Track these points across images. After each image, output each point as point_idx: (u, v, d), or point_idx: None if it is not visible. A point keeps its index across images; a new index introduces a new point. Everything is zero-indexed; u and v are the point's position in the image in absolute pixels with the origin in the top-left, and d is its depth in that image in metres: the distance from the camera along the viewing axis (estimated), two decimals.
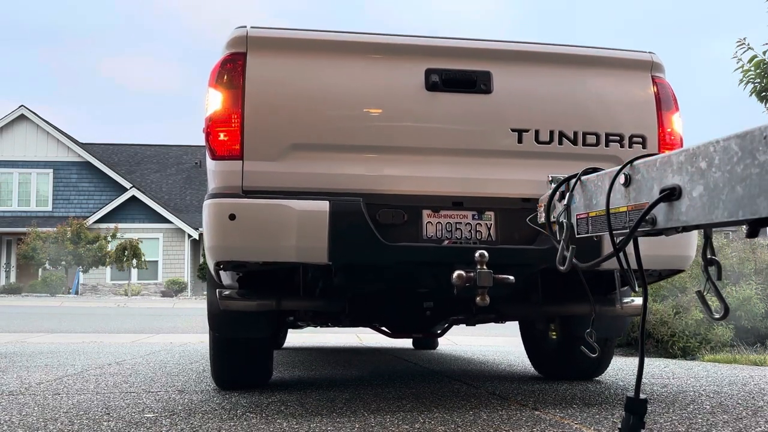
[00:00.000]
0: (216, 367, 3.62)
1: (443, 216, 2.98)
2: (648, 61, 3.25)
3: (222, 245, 2.79)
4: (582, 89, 3.18)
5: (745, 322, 6.89)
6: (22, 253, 28.63)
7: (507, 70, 3.11)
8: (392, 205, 2.93)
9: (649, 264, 2.95)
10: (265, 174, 2.87)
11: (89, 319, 13.54)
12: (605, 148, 3.11)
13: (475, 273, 2.60)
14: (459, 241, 2.96)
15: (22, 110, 32.21)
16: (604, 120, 3.14)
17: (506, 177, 3.04)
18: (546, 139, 3.07)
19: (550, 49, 3.20)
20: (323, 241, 2.75)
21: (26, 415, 2.85)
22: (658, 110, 3.19)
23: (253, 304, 3.08)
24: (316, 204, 2.78)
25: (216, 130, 2.90)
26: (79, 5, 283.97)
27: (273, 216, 2.76)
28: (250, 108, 2.89)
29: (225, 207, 2.77)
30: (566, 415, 2.82)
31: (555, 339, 4.16)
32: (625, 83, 3.22)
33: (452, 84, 3.02)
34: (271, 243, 2.76)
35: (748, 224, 1.43)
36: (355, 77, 3.03)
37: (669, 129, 3.20)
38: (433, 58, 3.05)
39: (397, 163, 2.98)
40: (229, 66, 2.93)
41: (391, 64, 3.06)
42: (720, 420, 2.72)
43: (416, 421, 2.70)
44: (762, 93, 7.42)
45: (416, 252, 2.88)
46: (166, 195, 34.75)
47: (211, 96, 2.95)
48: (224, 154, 2.88)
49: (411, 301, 3.55)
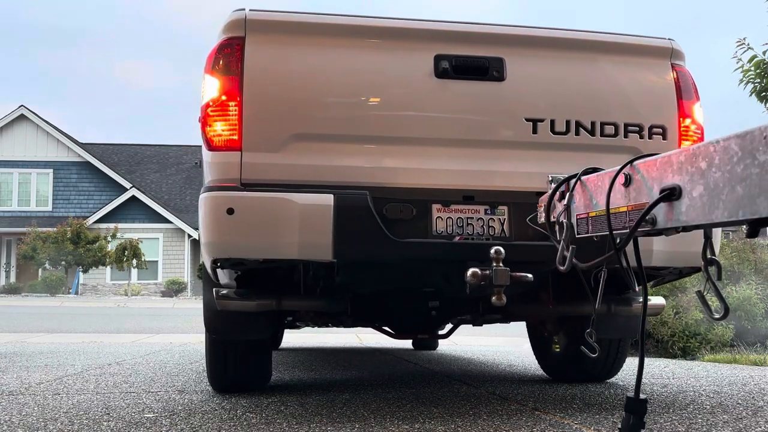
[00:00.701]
0: (213, 371, 3.48)
1: (454, 211, 2.83)
2: (667, 47, 3.12)
3: (219, 241, 2.64)
4: (599, 77, 3.04)
5: (745, 322, 6.89)
6: (22, 253, 28.64)
7: (521, 57, 2.96)
8: (400, 199, 2.78)
9: (671, 261, 2.89)
10: (265, 166, 2.72)
11: (89, 319, 13.54)
12: (624, 139, 2.97)
13: (491, 271, 2.47)
14: (471, 237, 2.81)
15: (22, 110, 32.22)
16: (622, 109, 3.00)
17: (520, 169, 2.90)
18: (562, 129, 2.93)
19: (565, 35, 3.06)
20: (327, 237, 2.61)
21: (26, 415, 2.85)
22: (679, 99, 3.05)
23: (253, 304, 2.94)
24: (320, 198, 2.64)
25: (212, 119, 2.75)
26: (79, 5, 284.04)
27: (274, 210, 2.62)
28: (248, 96, 2.74)
29: (223, 200, 2.62)
30: (566, 415, 2.82)
31: (565, 340, 4.00)
32: (643, 71, 3.09)
33: (463, 71, 2.88)
34: (271, 239, 2.61)
35: (748, 224, 1.43)
36: (361, 63, 2.88)
37: (690, 119, 3.06)
38: (442, 43, 2.91)
39: (405, 155, 2.84)
40: (227, 51, 2.77)
41: (398, 49, 2.91)
42: (720, 420, 2.72)
43: (416, 421, 2.70)
44: (762, 93, 7.42)
45: (427, 249, 2.74)
46: (166, 195, 34.75)
47: (207, 83, 2.80)
48: (221, 145, 2.73)
49: (416, 301, 3.45)
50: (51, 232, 28.47)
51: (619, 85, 3.04)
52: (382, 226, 2.66)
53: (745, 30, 10.90)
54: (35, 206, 32.07)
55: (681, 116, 3.04)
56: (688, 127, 3.05)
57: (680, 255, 2.87)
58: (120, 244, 28.59)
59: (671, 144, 3.00)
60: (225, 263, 2.76)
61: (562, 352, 4.07)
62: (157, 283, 31.49)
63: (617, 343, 3.76)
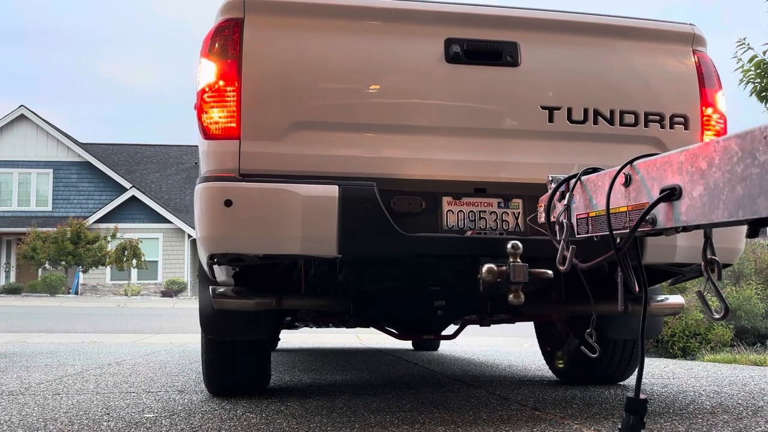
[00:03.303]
0: (209, 373, 3.31)
1: (465, 204, 2.68)
2: (689, 33, 2.97)
3: (216, 235, 2.48)
4: (618, 63, 2.89)
5: (745, 322, 6.90)
6: (22, 253, 28.63)
7: (536, 41, 2.81)
8: (408, 191, 2.62)
9: (695, 258, 2.67)
10: (265, 155, 2.56)
11: (89, 319, 13.54)
12: (644, 129, 2.83)
13: (508, 267, 2.32)
14: (483, 232, 2.67)
15: (22, 110, 32.22)
16: (642, 97, 2.85)
17: (535, 160, 2.74)
18: (580, 118, 2.78)
19: (583, 19, 2.91)
20: (332, 231, 2.45)
21: (26, 415, 2.85)
22: (701, 87, 2.91)
23: (252, 303, 2.78)
24: (324, 189, 2.48)
25: (209, 105, 2.58)
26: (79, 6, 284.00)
27: (275, 202, 2.46)
28: (247, 81, 2.57)
29: (220, 191, 2.46)
30: (566, 415, 2.82)
31: (576, 341, 3.77)
32: (664, 57, 2.94)
33: (475, 55, 2.72)
34: (272, 233, 2.45)
35: (748, 224, 1.43)
36: (367, 47, 2.72)
37: (712, 109, 2.92)
38: (453, 26, 2.74)
39: (413, 145, 2.68)
40: (224, 33, 2.61)
41: (407, 32, 2.74)
42: (720, 420, 2.72)
43: (416, 421, 2.69)
44: (762, 93, 7.41)
45: (438, 244, 2.59)
46: (166, 195, 34.75)
47: (203, 67, 2.63)
48: (218, 133, 2.57)
49: (422, 300, 3.31)
50: (51, 232, 28.46)
51: (638, 72, 2.89)
52: (390, 219, 2.52)
53: (745, 30, 10.88)
54: (35, 206, 32.06)
55: (703, 105, 2.91)
56: (711, 117, 2.92)
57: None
58: (120, 244, 28.60)
59: (693, 134, 2.89)
60: (222, 259, 2.59)
61: (574, 353, 3.86)
62: (157, 283, 31.48)
63: (632, 344, 3.61)
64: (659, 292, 3.35)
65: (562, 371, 4.05)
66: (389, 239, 2.51)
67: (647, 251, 2.65)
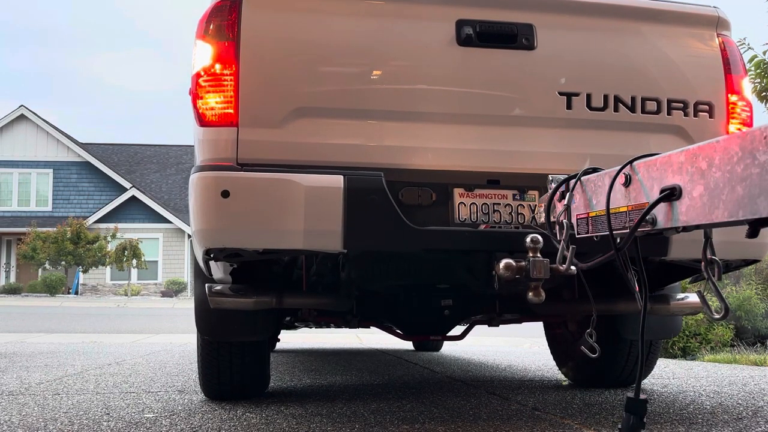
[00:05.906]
0: (205, 376, 3.15)
1: (478, 196, 2.54)
2: (713, 16, 2.82)
3: (213, 229, 2.33)
4: (639, 47, 2.74)
5: (745, 322, 6.90)
6: (22, 253, 28.64)
7: (553, 23, 2.65)
8: (418, 182, 2.48)
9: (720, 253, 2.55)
10: (265, 143, 2.41)
11: (89, 319, 13.55)
12: (667, 117, 2.69)
13: (527, 262, 2.16)
14: (498, 225, 2.52)
15: (22, 110, 32.23)
16: (665, 83, 2.71)
17: (552, 150, 2.61)
18: (599, 105, 2.63)
19: (603, 0, 2.75)
20: (337, 225, 2.30)
21: (26, 415, 2.85)
22: (726, 73, 2.76)
23: (250, 301, 2.64)
24: (329, 179, 2.32)
25: (204, 90, 2.42)
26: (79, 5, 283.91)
27: (275, 193, 2.31)
28: (246, 64, 2.41)
29: (216, 182, 2.31)
30: (566, 415, 2.82)
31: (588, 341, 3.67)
32: (687, 41, 2.80)
33: (488, 38, 2.56)
34: (272, 227, 2.31)
35: (748, 224, 1.43)
36: (373, 29, 2.56)
37: (737, 96, 2.78)
38: (465, 7, 2.59)
39: (423, 133, 2.53)
40: (222, 13, 2.45)
41: (416, 13, 2.58)
42: (720, 420, 2.72)
43: (416, 421, 2.69)
44: (762, 93, 7.42)
45: (450, 238, 2.44)
46: (166, 195, 34.76)
47: (198, 50, 2.46)
48: (215, 120, 2.41)
49: (429, 299, 3.16)
50: (51, 232, 28.47)
51: (661, 57, 2.74)
52: (399, 212, 2.36)
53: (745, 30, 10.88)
54: (35, 206, 32.07)
55: (729, 92, 2.77)
56: (736, 104, 2.78)
57: (733, 246, 2.51)
58: (120, 244, 28.62)
59: (718, 123, 2.75)
60: (219, 254, 2.44)
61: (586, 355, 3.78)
62: (157, 283, 31.49)
63: (648, 344, 3.48)
64: (678, 290, 3.23)
65: (574, 374, 3.90)
66: (398, 233, 2.35)
67: (672, 246, 2.52)
